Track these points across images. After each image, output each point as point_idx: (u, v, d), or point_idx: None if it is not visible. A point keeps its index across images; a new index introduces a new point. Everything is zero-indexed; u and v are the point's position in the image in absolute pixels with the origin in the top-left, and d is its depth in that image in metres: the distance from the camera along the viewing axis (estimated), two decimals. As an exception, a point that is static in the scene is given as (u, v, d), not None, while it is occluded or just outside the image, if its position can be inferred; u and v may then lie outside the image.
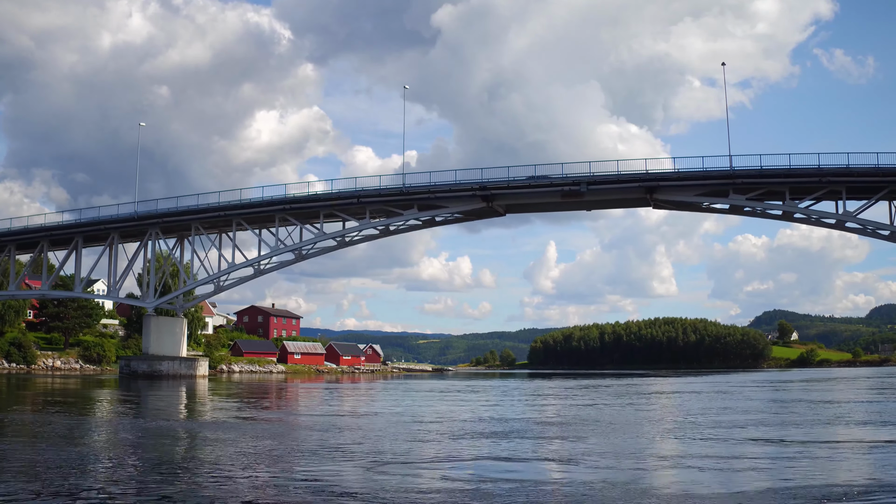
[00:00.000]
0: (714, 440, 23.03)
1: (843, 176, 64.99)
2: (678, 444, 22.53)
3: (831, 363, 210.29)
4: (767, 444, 22.41)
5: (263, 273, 79.62)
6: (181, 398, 47.98)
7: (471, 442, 22.55)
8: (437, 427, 27.35)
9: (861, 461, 19.38)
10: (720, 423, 28.55)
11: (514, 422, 29.74)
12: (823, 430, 26.79)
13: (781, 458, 19.54)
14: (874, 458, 19.89)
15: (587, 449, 20.70)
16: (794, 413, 34.83)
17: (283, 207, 73.94)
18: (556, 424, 28.76)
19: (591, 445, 21.39)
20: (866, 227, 67.64)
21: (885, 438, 24.24)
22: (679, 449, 21.43)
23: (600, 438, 23.17)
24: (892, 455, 20.53)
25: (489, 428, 26.76)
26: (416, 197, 70.77)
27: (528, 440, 23.14)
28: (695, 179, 66.21)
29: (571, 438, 23.38)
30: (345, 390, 64.46)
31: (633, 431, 25.76)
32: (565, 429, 26.59)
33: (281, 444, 21.65)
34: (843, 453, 20.82)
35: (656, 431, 26.35)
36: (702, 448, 21.32)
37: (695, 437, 23.84)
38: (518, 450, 20.82)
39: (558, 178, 67.42)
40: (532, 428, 27.24)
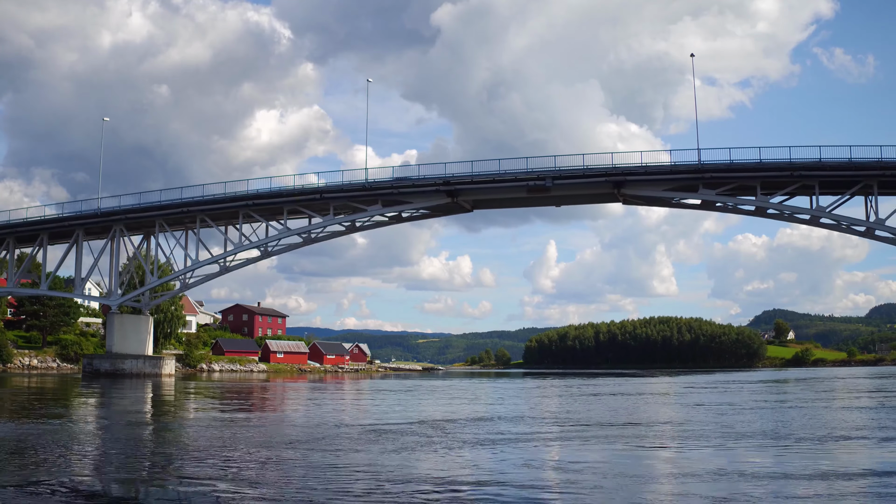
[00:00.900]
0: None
1: (815, 170, 63.36)
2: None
3: (826, 362, 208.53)
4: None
5: (230, 270, 78.19)
6: (114, 397, 46.48)
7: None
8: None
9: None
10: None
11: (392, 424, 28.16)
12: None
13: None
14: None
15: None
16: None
17: (246, 203, 72.46)
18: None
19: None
20: (840, 222, 65.96)
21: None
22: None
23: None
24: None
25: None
26: (379, 193, 69.24)
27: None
28: (662, 174, 64.58)
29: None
30: (307, 390, 62.90)
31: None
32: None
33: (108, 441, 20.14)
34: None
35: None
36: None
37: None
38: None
39: (523, 172, 65.84)
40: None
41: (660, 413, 34.95)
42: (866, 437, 23.32)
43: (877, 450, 20.79)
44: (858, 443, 22.20)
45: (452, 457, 18.75)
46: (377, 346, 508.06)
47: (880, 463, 18.39)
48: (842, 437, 23.54)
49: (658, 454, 20.03)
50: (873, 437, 23.19)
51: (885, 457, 19.58)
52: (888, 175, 62.75)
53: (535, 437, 23.55)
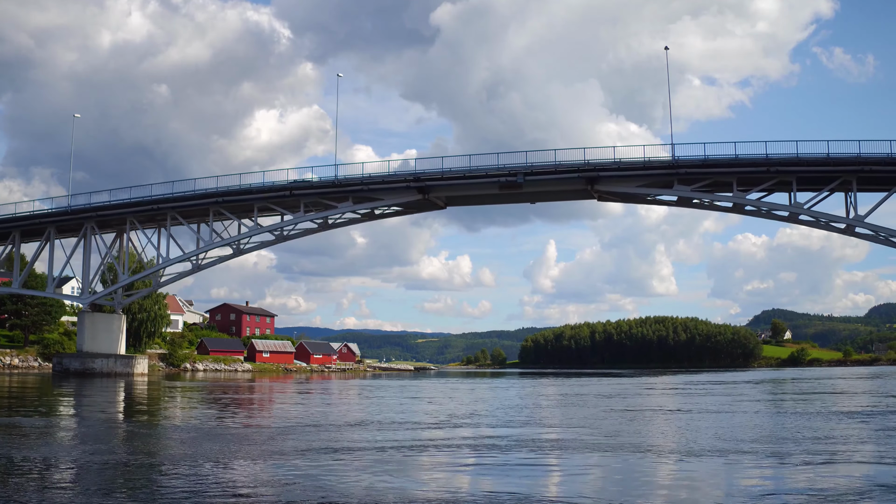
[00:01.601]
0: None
1: (792, 165, 62.12)
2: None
3: (822, 362, 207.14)
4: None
5: (202, 268, 77.11)
6: (64, 396, 45.35)
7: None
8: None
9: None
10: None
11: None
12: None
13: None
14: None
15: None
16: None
17: (216, 200, 71.29)
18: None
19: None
20: (819, 219, 64.63)
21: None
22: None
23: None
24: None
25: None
26: (350, 189, 68.06)
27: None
28: (636, 170, 63.34)
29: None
30: (275, 390, 61.74)
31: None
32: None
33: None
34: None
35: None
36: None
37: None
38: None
39: (493, 168, 64.66)
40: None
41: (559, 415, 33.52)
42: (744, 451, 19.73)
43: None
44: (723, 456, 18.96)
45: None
46: (376, 345, 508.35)
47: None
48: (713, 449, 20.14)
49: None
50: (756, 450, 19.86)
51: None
52: (866, 170, 61.48)
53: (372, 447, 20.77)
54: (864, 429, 25.39)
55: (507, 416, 31.17)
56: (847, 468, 17.33)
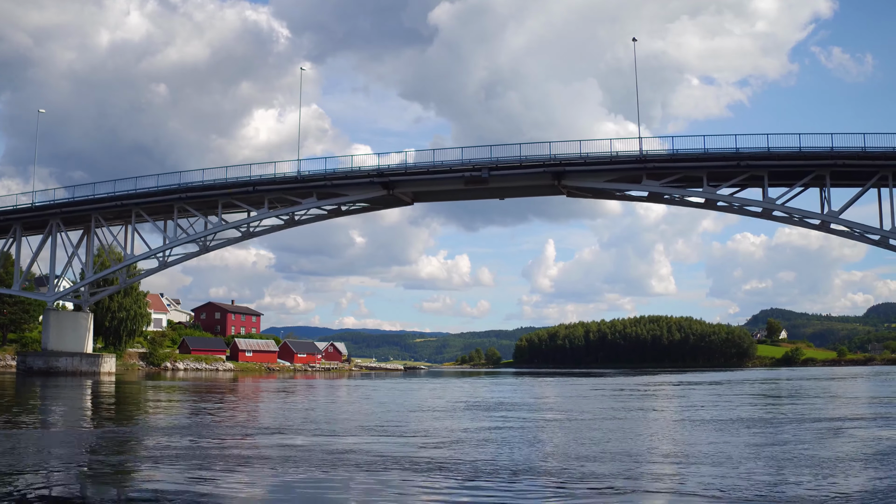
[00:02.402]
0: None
1: (763, 160, 60.65)
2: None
3: (816, 362, 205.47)
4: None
5: (168, 266, 75.99)
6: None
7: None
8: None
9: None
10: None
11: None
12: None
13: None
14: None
15: None
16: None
17: (180, 196, 70.03)
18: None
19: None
20: (793, 215, 63.16)
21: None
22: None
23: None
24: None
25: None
26: (313, 185, 66.77)
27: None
28: (603, 164, 61.88)
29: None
30: (240, 390, 60.40)
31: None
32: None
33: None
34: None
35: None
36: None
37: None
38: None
39: (457, 163, 63.35)
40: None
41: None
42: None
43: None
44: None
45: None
46: (374, 345, 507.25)
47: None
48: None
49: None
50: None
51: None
52: (839, 165, 60.00)
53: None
54: (729, 442, 21.30)
55: (366, 420, 29.32)
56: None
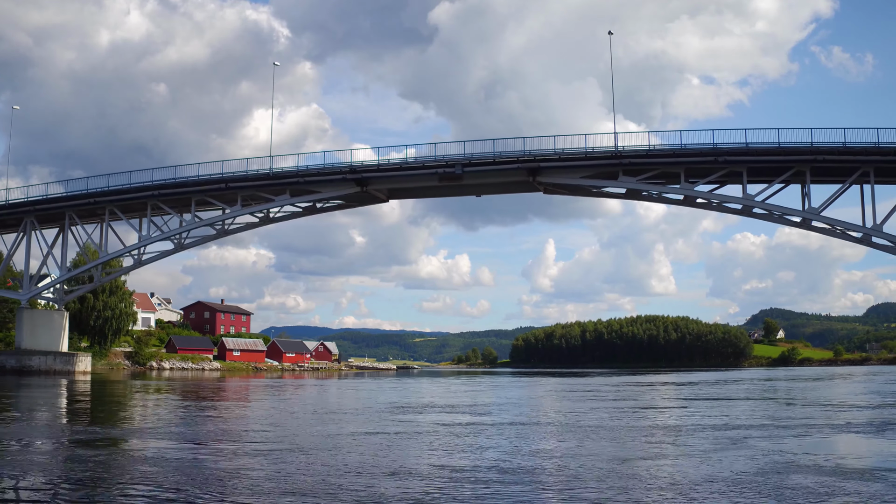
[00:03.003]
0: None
1: (742, 155, 59.51)
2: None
3: (813, 362, 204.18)
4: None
5: (143, 264, 75.15)
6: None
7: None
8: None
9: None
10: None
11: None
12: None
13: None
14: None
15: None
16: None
17: (153, 194, 69.12)
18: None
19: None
20: (772, 212, 62.05)
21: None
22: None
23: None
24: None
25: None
26: (286, 182, 65.79)
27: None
28: (578, 160, 60.76)
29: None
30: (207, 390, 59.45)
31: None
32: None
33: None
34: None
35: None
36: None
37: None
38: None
39: (430, 160, 62.33)
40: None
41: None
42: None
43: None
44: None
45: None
46: (374, 345, 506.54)
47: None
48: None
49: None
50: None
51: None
52: (819, 160, 58.78)
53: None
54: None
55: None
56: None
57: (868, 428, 26.87)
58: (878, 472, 16.29)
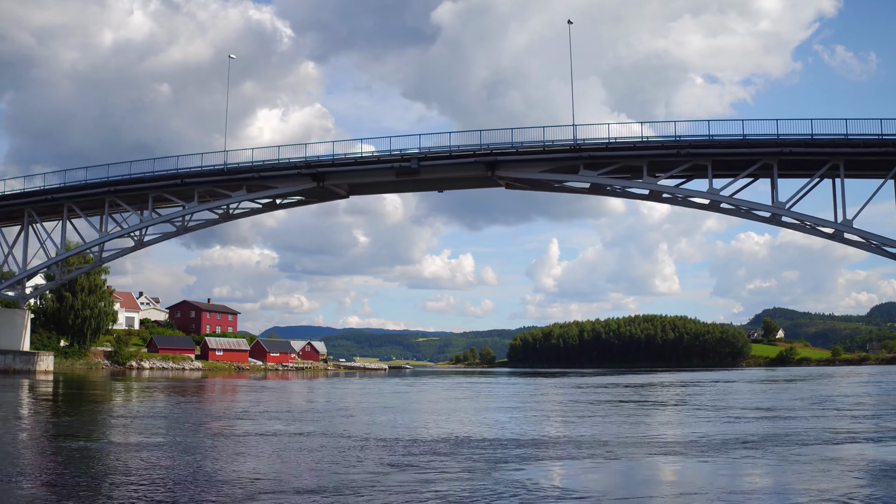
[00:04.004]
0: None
1: (705, 148, 57.63)
2: None
3: (811, 361, 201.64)
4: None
5: (104, 261, 73.98)
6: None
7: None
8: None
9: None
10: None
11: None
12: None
13: None
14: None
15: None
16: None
17: (110, 190, 67.73)
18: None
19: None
20: (739, 207, 60.13)
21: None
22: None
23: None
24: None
25: None
26: (242, 177, 64.28)
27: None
28: (536, 153, 59.00)
29: None
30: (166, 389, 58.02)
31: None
32: None
33: None
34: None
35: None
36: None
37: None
38: None
39: (386, 154, 60.76)
40: None
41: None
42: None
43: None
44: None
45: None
46: (377, 344, 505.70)
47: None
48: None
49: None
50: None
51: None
52: (786, 153, 56.86)
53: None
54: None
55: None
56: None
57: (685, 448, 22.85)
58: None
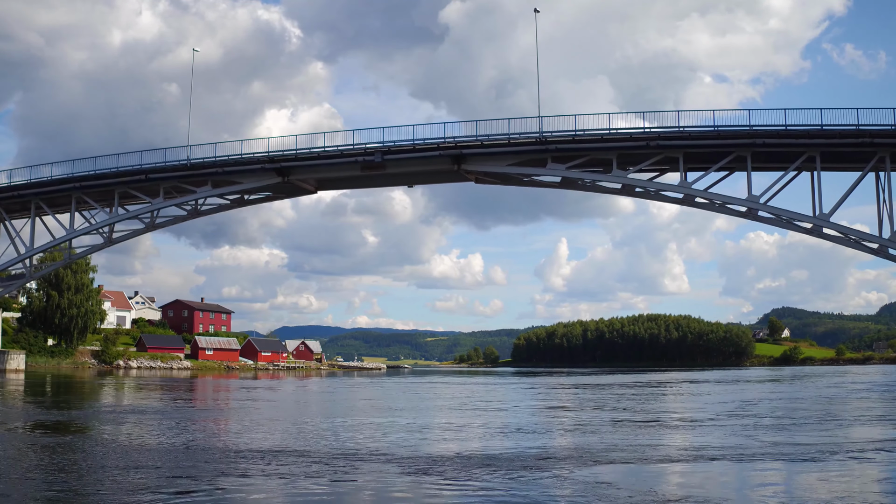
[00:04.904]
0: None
1: (675, 139, 55.84)
2: None
3: (815, 361, 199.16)
4: None
5: (73, 259, 73.08)
6: None
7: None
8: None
9: None
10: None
11: None
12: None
13: None
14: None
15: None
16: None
17: (75, 186, 66.74)
18: None
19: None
20: (713, 201, 58.33)
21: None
22: None
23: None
24: None
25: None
26: (206, 172, 63.08)
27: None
28: (501, 146, 57.42)
29: None
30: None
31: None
32: None
33: None
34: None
35: None
36: None
37: None
38: None
39: (348, 148, 59.47)
40: None
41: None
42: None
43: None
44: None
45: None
46: (385, 344, 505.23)
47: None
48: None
49: None
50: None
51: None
52: (759, 145, 54.94)
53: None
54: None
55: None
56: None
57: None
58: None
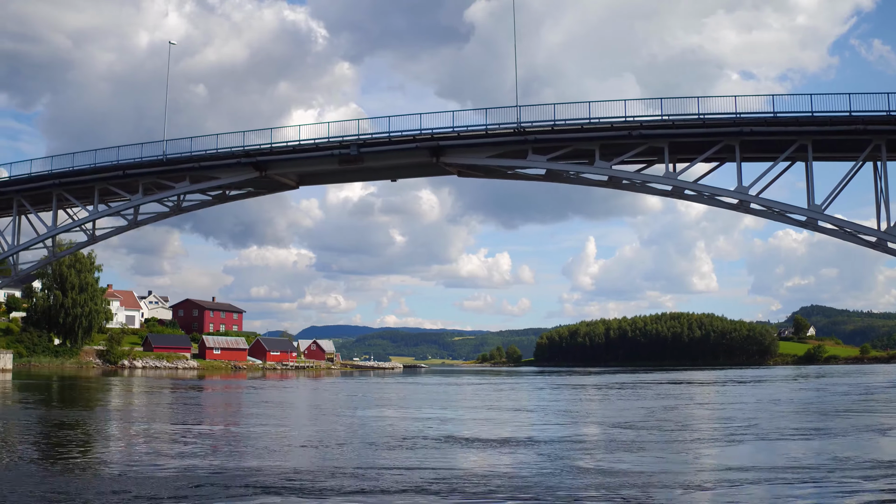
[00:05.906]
0: None
1: (660, 128, 53.60)
2: None
3: (839, 360, 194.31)
4: None
5: (57, 256, 72.62)
6: None
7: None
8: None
9: None
10: None
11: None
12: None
13: None
14: None
15: None
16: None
17: (54, 182, 66.19)
18: None
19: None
20: (702, 193, 55.91)
21: None
22: None
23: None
24: None
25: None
26: (183, 168, 62.09)
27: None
28: (478, 137, 55.60)
29: None
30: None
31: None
32: None
33: None
34: None
35: None
36: None
37: None
38: None
39: (323, 141, 58.15)
40: None
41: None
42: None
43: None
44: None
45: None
46: (413, 343, 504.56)
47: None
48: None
49: None
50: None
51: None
52: (747, 133, 52.58)
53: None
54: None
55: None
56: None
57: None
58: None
